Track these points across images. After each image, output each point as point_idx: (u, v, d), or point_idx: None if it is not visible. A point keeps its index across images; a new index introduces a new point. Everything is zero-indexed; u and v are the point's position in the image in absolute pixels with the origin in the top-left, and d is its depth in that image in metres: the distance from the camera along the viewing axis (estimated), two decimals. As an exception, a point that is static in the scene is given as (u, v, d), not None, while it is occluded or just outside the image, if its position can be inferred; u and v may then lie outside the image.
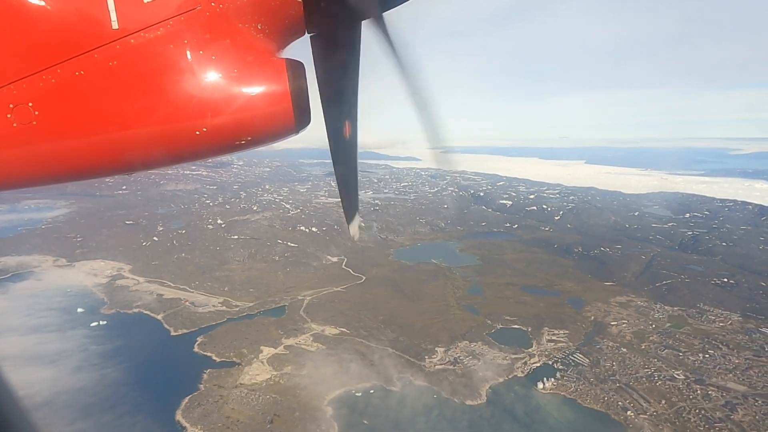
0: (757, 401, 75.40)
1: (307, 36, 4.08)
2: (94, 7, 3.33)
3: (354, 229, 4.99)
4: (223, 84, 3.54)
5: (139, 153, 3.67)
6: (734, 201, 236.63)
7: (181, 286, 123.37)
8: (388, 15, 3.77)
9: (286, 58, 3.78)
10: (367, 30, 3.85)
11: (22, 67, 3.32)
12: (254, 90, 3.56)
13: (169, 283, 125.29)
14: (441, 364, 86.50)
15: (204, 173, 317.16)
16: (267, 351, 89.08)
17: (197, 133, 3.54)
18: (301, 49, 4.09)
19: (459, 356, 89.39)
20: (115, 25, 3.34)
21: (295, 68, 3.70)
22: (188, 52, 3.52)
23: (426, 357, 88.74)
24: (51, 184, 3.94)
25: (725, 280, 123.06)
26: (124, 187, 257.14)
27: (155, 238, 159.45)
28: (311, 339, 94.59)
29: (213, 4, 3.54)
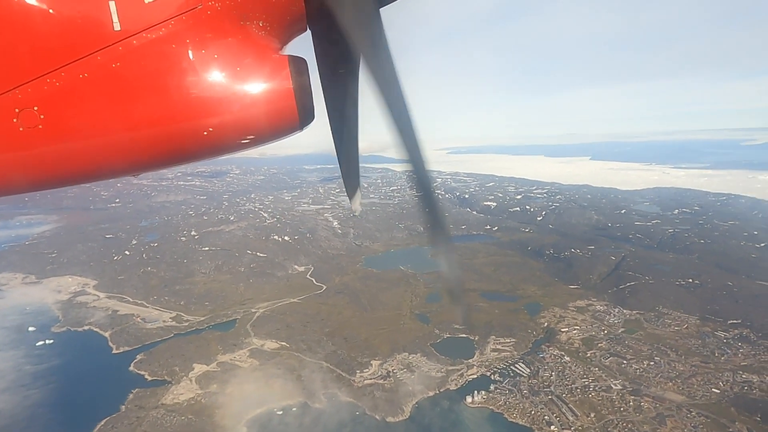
0: (690, 412, 71.97)
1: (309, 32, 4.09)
2: (95, 9, 3.32)
3: (355, 204, 5.21)
4: (227, 82, 3.49)
5: (145, 154, 3.65)
6: (728, 195, 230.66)
7: (139, 301, 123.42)
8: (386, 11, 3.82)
9: (289, 55, 3.70)
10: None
11: (27, 71, 3.33)
12: (257, 88, 3.51)
13: (128, 298, 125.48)
14: (371, 379, 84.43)
15: (197, 183, 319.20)
16: (198, 368, 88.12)
17: (204, 133, 3.51)
18: (303, 45, 4.18)
19: (393, 369, 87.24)
20: (117, 27, 3.33)
21: (298, 65, 3.64)
22: (190, 52, 3.47)
23: (358, 371, 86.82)
24: (58, 187, 3.93)
25: (690, 280, 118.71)
26: (117, 200, 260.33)
27: (127, 252, 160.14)
28: (248, 354, 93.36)
29: (214, 2, 3.50)
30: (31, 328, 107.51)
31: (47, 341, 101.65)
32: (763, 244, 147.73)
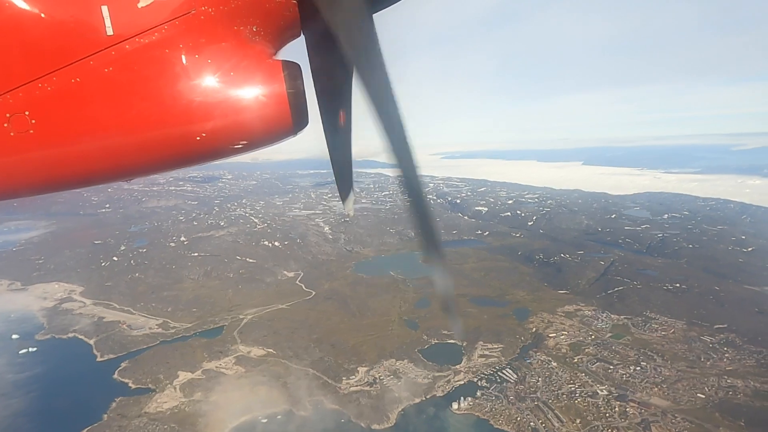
0: (675, 417, 71.94)
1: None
2: (88, 14, 3.29)
3: (348, 207, 5.16)
4: (220, 87, 3.47)
5: (137, 159, 3.63)
6: (716, 199, 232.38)
7: (126, 308, 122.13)
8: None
9: (282, 60, 3.69)
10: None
11: (18, 75, 3.30)
12: (251, 92, 3.48)
13: (115, 305, 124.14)
14: (357, 385, 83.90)
15: (189, 188, 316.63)
16: (183, 376, 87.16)
17: (198, 138, 3.47)
18: (298, 49, 4.15)
19: (380, 376, 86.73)
20: (109, 31, 3.30)
21: (292, 69, 3.62)
22: (184, 57, 3.46)
23: (344, 378, 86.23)
24: (49, 192, 3.88)
25: (677, 285, 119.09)
26: (107, 206, 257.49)
27: (115, 258, 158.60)
28: (233, 362, 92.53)
29: (207, 7, 3.49)
30: (14, 336, 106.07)
31: (31, 349, 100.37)
32: (750, 249, 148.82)
